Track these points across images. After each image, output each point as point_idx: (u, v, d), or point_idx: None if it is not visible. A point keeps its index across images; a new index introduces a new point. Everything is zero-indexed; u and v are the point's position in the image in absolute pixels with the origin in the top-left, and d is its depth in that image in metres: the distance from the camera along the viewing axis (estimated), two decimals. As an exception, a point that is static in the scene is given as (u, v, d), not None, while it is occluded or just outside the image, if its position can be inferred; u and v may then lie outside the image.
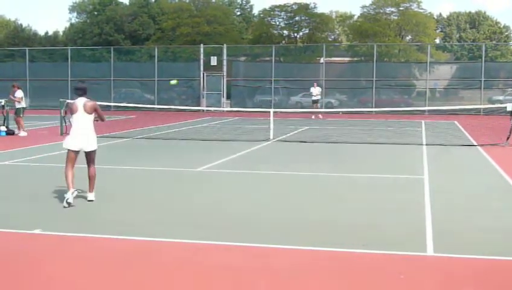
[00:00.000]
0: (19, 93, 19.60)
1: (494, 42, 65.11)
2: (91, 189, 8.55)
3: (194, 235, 6.78)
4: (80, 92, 8.57)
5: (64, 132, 18.80)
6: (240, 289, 5.15)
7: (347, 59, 43.27)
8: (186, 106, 34.84)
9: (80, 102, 8.44)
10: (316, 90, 29.12)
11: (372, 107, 32.96)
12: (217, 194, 9.45)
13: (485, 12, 75.66)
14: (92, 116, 8.50)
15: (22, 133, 19.17)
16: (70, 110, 8.58)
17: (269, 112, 19.53)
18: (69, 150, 8.45)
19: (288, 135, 19.97)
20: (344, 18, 58.68)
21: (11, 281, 5.30)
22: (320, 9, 68.12)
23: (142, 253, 6.15)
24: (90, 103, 8.45)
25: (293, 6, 52.15)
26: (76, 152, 8.46)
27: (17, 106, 19.43)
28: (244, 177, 11.40)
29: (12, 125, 19.61)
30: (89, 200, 8.46)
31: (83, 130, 8.39)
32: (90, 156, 8.55)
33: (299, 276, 5.41)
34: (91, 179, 8.53)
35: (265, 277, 5.40)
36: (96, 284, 5.23)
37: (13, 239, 6.74)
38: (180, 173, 11.69)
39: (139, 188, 9.95)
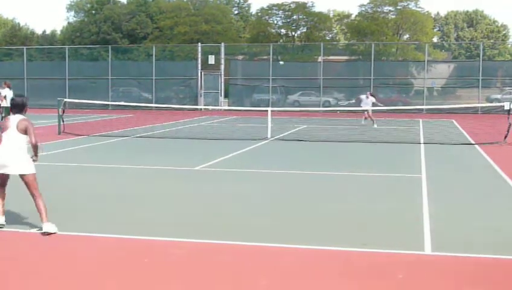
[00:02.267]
0: (4, 92, 19.49)
1: (491, 41, 65.23)
2: (43, 219, 6.90)
3: (192, 235, 6.77)
4: (16, 110, 7.18)
5: (62, 130, 18.82)
6: (239, 289, 5.14)
7: (345, 58, 43.31)
8: (184, 104, 34.90)
9: (14, 119, 7.08)
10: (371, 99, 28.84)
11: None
12: (215, 193, 9.44)
13: (482, 11, 75.92)
14: (25, 138, 7.02)
15: None
16: (3, 127, 7.14)
17: (267, 110, 19.53)
18: None
19: (285, 133, 19.96)
20: (342, 17, 58.80)
21: (10, 280, 5.29)
22: (318, 8, 68.48)
23: (141, 252, 6.13)
24: (24, 122, 7.00)
25: (291, 5, 52.25)
26: (5, 175, 7.07)
27: (3, 104, 19.30)
28: (242, 176, 11.38)
29: None
30: (43, 232, 6.82)
31: (10, 150, 6.94)
32: (26, 183, 6.95)
33: (298, 275, 5.40)
34: (39, 212, 6.92)
35: (265, 277, 5.40)
36: (95, 283, 5.22)
37: (12, 239, 6.72)
38: (178, 172, 11.68)
39: (137, 187, 9.93)
